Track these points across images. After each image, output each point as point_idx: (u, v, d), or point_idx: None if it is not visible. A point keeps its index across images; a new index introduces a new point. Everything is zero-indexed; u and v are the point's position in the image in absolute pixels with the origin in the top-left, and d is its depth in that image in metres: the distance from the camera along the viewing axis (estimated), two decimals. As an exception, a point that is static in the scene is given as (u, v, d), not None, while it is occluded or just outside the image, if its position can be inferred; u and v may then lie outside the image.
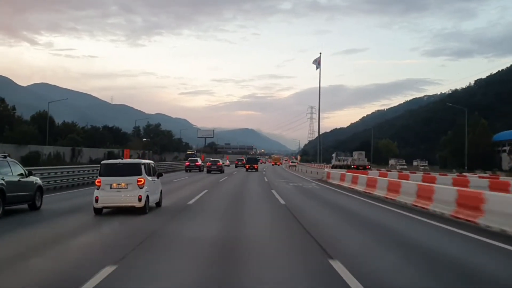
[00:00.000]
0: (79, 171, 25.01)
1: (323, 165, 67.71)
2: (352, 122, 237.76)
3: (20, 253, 7.73)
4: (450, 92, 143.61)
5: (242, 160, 70.59)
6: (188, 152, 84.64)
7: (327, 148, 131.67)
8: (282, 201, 16.40)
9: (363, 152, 53.81)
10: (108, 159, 43.92)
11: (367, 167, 48.92)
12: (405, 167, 72.29)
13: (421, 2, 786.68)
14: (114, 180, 12.24)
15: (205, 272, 6.33)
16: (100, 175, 12.46)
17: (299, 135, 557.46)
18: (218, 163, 43.64)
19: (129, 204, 12.21)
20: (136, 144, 77.60)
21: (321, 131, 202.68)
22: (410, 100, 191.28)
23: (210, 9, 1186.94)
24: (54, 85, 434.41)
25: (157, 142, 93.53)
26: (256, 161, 53.91)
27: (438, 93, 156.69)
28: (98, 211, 12.27)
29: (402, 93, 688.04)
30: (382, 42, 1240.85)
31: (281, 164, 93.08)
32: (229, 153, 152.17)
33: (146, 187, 12.44)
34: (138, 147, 75.71)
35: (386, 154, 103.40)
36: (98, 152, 62.55)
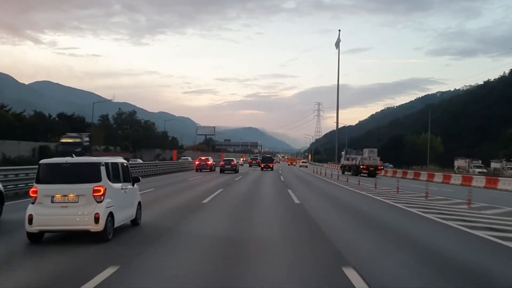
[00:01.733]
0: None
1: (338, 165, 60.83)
2: (360, 120, 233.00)
3: None
4: (465, 88, 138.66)
5: (257, 159, 70.68)
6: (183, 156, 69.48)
7: (339, 146, 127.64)
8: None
9: (375, 150, 42.71)
10: (41, 155, 37.42)
11: (379, 167, 40.89)
12: (485, 171, 54.70)
13: (426, 1, 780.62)
14: (57, 189, 7.87)
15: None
16: (36, 182, 8.06)
17: (304, 134, 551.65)
18: (232, 162, 42.21)
19: (81, 227, 7.85)
20: (97, 137, 56.37)
21: (328, 130, 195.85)
22: (422, 96, 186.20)
23: (214, 8, 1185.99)
24: (57, 83, 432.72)
25: (130, 135, 70.74)
26: (271, 160, 53.67)
27: (452, 89, 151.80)
28: (34, 237, 7.89)
29: (406, 92, 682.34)
30: (386, 41, 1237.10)
31: (296, 164, 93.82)
32: (229, 152, 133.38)
33: (108, 200, 8.03)
34: (99, 141, 58.42)
35: (423, 151, 79.61)
36: (20, 147, 43.23)
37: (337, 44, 61.24)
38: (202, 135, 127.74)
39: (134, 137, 70.27)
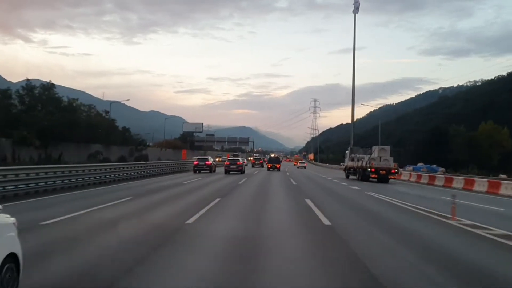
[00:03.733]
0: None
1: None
2: (358, 117, 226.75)
3: None
4: (469, 84, 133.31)
5: (260, 159, 70.15)
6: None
7: (340, 143, 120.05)
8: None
9: (388, 148, 32.81)
10: None
11: (392, 171, 31.13)
12: None
13: (419, 1, 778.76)
14: None
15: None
16: None
17: (297, 133, 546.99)
18: (238, 163, 39.80)
19: None
20: None
21: (323, 128, 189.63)
22: (423, 93, 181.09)
23: (206, 7, 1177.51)
24: (47, 82, 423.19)
25: (40, 119, 39.52)
26: (278, 161, 54.06)
27: (455, 85, 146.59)
28: None
29: (398, 92, 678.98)
30: (379, 41, 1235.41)
31: (307, 165, 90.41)
32: (216, 150, 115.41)
33: None
34: None
35: (483, 148, 61.15)
36: None
37: (356, 9, 54.42)
38: (190, 132, 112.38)
39: (49, 124, 39.13)
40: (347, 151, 39.85)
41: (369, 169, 30.94)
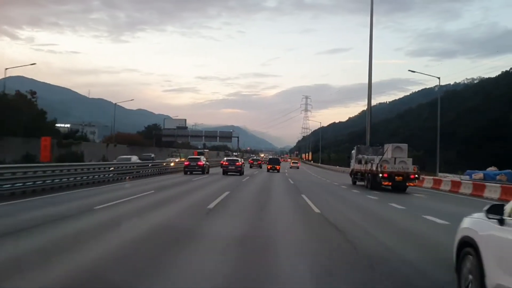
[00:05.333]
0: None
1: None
2: (350, 116, 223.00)
3: None
4: (466, 81, 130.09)
5: (258, 160, 68.87)
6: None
7: (338, 142, 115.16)
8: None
9: (405, 147, 25.85)
10: None
11: (411, 176, 24.22)
12: None
13: (406, 2, 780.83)
14: None
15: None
16: None
17: (286, 133, 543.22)
18: (237, 163, 37.55)
19: None
20: None
21: (314, 128, 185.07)
22: (419, 90, 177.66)
23: (194, 6, 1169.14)
24: (31, 79, 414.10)
25: None
26: (278, 162, 53.08)
27: (452, 83, 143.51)
28: None
29: (386, 92, 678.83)
30: (367, 42, 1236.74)
31: (300, 165, 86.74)
32: (198, 149, 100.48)
33: None
34: None
35: None
36: None
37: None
38: (159, 125, 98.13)
39: None
40: (353, 151, 32.31)
41: (380, 174, 24.08)
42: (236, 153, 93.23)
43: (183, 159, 50.89)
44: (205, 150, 77.63)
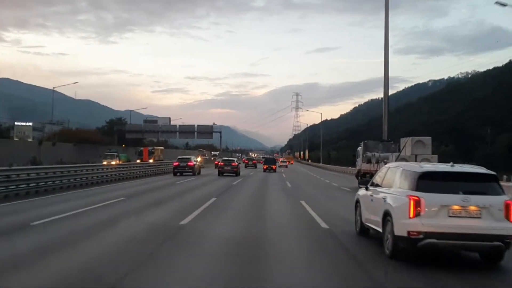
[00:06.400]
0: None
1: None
2: (342, 113, 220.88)
3: None
4: (460, 75, 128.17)
5: (253, 160, 67.81)
6: None
7: (334, 140, 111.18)
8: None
9: (428, 141, 21.42)
10: None
11: None
12: None
13: (394, 0, 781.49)
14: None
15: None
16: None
17: (277, 132, 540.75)
18: (233, 163, 36.74)
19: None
20: None
21: (305, 126, 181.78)
22: (411, 86, 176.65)
23: (182, 6, 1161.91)
24: (17, 81, 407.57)
25: None
26: (274, 161, 52.76)
27: (445, 77, 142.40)
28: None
29: (375, 91, 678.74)
30: (355, 40, 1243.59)
31: (293, 163, 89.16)
32: (175, 148, 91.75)
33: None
34: None
35: None
36: None
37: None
38: (126, 118, 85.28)
39: None
40: (359, 148, 28.05)
41: None
42: (217, 153, 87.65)
43: (123, 161, 43.27)
44: (157, 148, 62.82)
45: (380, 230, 7.27)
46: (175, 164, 35.22)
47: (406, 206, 6.36)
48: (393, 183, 7.35)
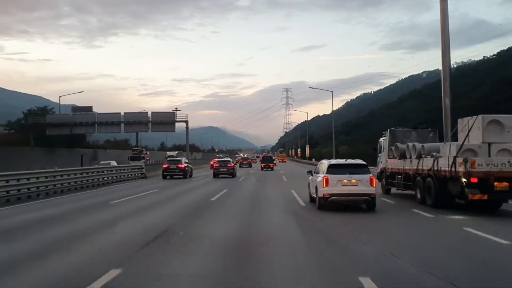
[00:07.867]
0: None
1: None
2: (334, 109, 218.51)
3: None
4: (456, 65, 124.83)
5: (248, 159, 67.92)
6: None
7: (330, 135, 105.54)
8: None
9: (509, 120, 13.08)
10: None
11: None
12: None
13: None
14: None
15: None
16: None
17: (266, 131, 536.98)
18: (229, 164, 35.34)
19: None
20: None
21: (295, 124, 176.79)
22: (406, 78, 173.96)
23: (166, 8, 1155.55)
24: (0, 88, 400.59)
25: None
26: (271, 160, 54.12)
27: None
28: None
29: (362, 87, 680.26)
30: (341, 38, 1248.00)
31: (287, 161, 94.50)
32: (141, 149, 65.60)
33: None
34: None
35: None
36: None
37: None
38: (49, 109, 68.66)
39: None
40: (381, 139, 21.14)
41: (465, 179, 12.36)
42: (175, 153, 65.07)
43: None
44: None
45: (315, 196, 14.30)
46: (164, 166, 33.88)
47: (322, 181, 13.26)
48: (321, 171, 14.30)
